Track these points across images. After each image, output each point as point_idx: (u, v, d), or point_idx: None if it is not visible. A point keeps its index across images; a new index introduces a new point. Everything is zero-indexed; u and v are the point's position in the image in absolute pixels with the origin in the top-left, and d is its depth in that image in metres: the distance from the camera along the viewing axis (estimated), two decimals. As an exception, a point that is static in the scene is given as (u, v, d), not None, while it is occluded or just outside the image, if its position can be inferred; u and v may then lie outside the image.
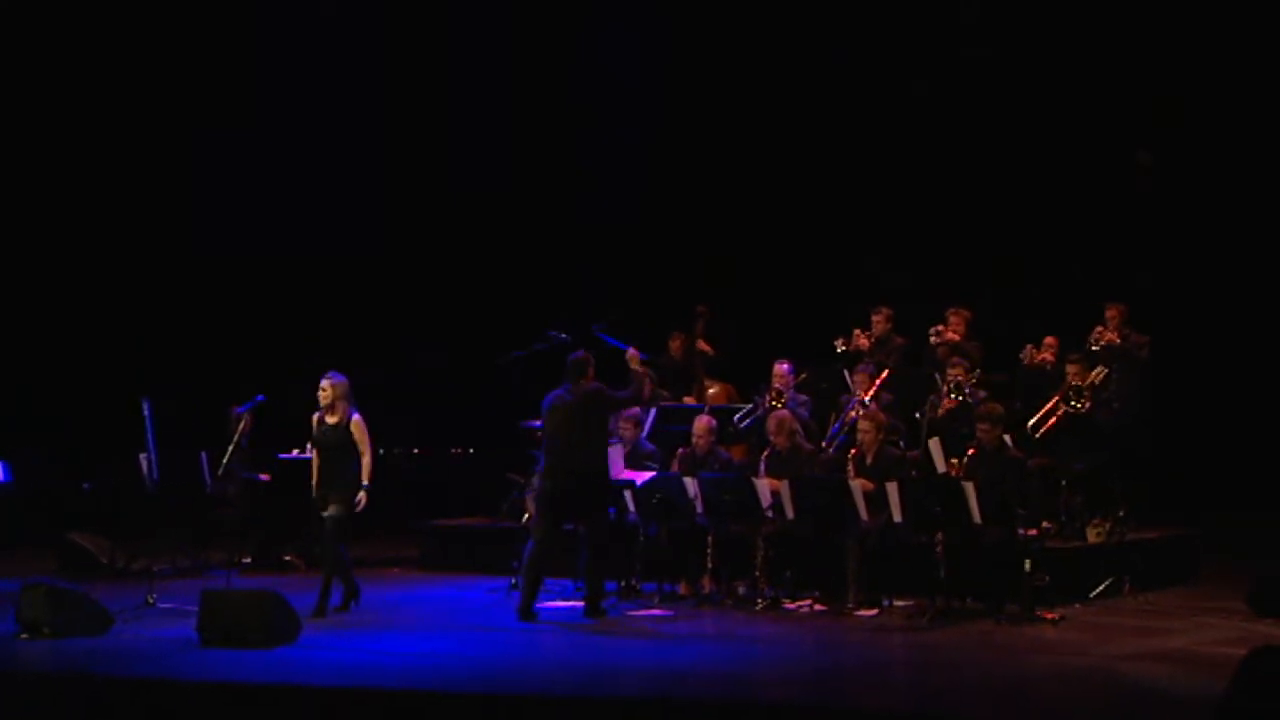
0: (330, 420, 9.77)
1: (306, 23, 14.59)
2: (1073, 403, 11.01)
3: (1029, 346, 11.88)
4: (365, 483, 9.81)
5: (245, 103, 14.48)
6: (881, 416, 10.89)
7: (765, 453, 10.92)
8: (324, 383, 9.81)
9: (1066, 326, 12.01)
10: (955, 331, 12.24)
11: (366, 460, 9.82)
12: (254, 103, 14.52)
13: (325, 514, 9.77)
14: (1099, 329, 11.76)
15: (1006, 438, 10.46)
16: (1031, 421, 11.07)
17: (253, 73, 14.54)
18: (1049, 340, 11.89)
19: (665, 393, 12.65)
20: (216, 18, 14.57)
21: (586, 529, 9.97)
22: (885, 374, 11.79)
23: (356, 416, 9.77)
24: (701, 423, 11.19)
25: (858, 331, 12.41)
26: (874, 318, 12.52)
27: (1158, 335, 11.88)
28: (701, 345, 13.15)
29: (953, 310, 12.32)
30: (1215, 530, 12.13)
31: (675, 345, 13.28)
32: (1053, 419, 11.06)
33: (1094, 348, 11.65)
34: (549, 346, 11.30)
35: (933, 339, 12.28)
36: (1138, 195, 13.27)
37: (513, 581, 11.00)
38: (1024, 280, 13.40)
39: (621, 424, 11.25)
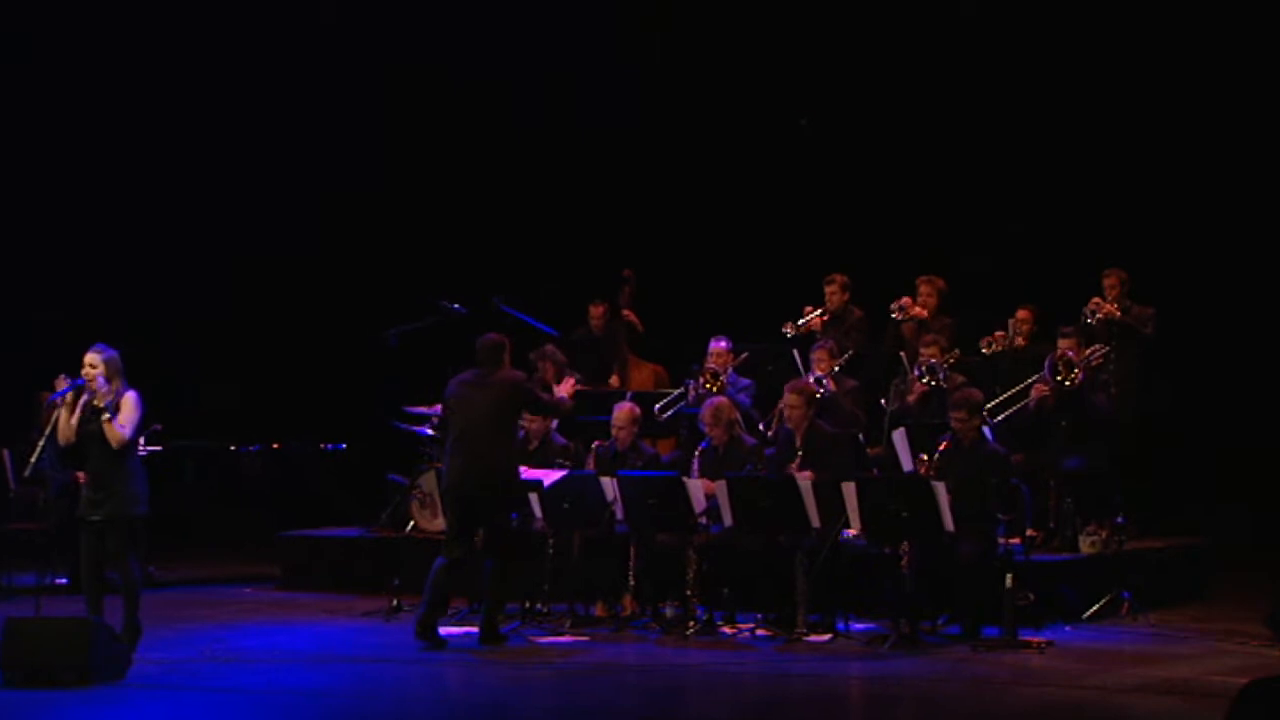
0: (97, 405, 9.28)
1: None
2: (1059, 377, 10.95)
3: (997, 333, 11.78)
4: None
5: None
6: (811, 388, 10.88)
7: (699, 448, 10.87)
8: (91, 357, 9.36)
9: (1050, 301, 12.08)
10: (925, 305, 12.23)
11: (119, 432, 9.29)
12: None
13: (93, 519, 9.28)
14: (1095, 300, 11.78)
15: (986, 430, 10.50)
16: (996, 402, 11.03)
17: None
18: (1023, 314, 11.85)
19: (578, 376, 12.37)
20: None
21: (486, 538, 9.92)
22: (849, 354, 11.81)
23: (130, 394, 9.33)
24: (622, 411, 11.14)
25: (809, 309, 12.40)
26: (827, 289, 12.51)
27: (1167, 310, 11.94)
28: (627, 316, 13.15)
29: (923, 279, 12.31)
30: (1229, 540, 12.25)
31: (596, 315, 13.27)
32: (1031, 397, 11.03)
33: (1089, 321, 11.68)
34: (440, 321, 11.27)
35: (895, 314, 12.24)
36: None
37: (393, 603, 10.98)
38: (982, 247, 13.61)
39: (527, 417, 11.18)
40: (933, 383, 11.31)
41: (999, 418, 11.13)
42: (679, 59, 14.72)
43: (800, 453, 10.60)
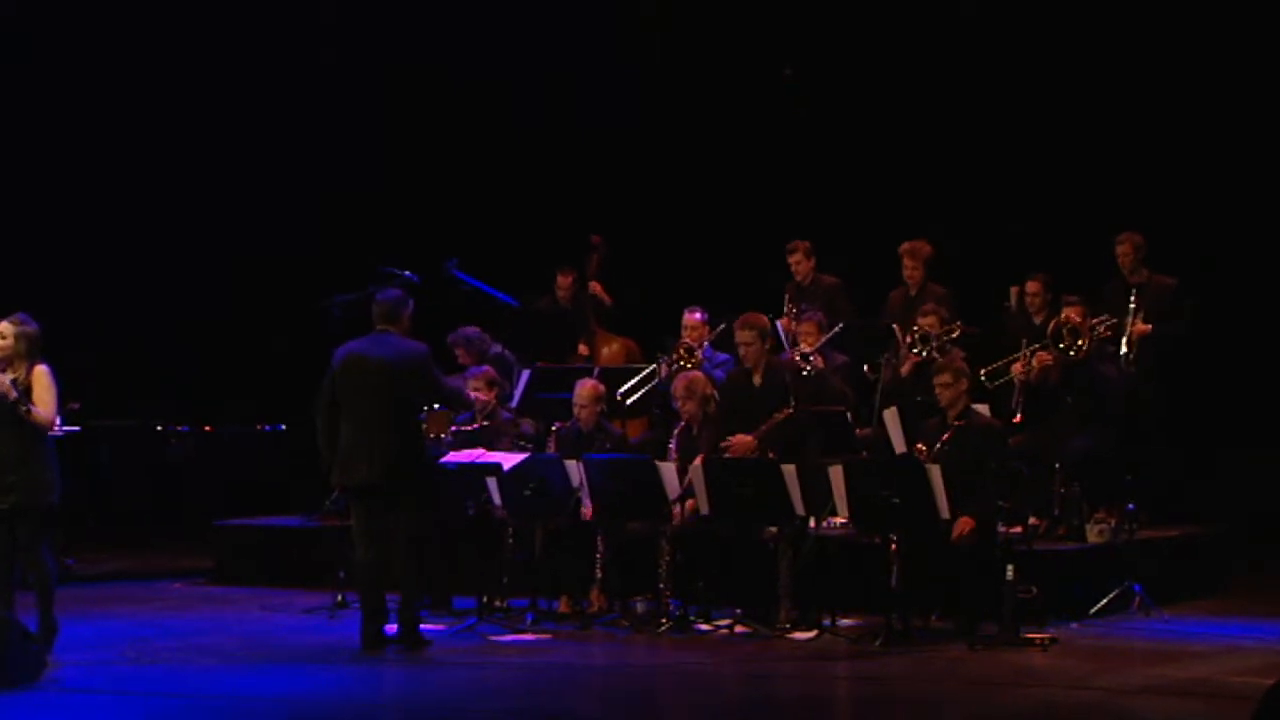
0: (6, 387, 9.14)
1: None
2: (1063, 345, 10.92)
3: (1015, 288, 11.88)
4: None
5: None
6: (764, 321, 10.85)
7: (677, 428, 10.90)
8: (3, 327, 9.23)
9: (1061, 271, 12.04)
10: (910, 279, 12.34)
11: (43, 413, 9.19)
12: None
13: (1, 507, 9.16)
14: (1135, 328, 11.60)
15: (982, 408, 10.52)
16: (993, 367, 11.01)
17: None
18: (1033, 286, 11.88)
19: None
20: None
21: (396, 529, 9.68)
22: (839, 328, 11.90)
23: (41, 368, 9.20)
24: (585, 388, 11.18)
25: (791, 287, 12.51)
26: (790, 259, 12.66)
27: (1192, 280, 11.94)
28: (595, 289, 13.25)
29: (906, 250, 12.37)
30: (1250, 528, 12.29)
31: (562, 285, 13.41)
32: (1031, 364, 10.98)
33: (1124, 353, 11.58)
34: (392, 287, 10.95)
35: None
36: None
37: (338, 598, 10.99)
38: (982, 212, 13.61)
39: (472, 386, 11.18)
40: (925, 354, 11.31)
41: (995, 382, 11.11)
42: (656, 16, 14.82)
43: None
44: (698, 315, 12.01)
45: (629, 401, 12.04)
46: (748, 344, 10.66)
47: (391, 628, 9.73)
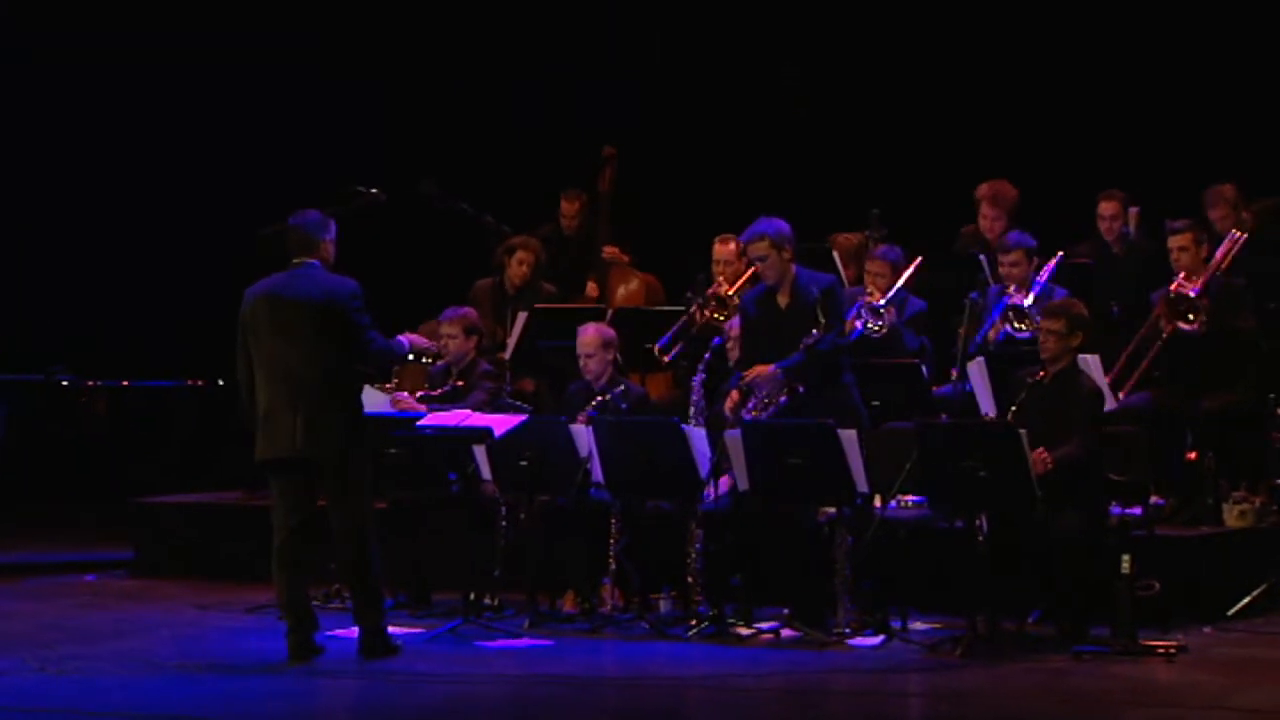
0: None
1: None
2: (1176, 321, 11.04)
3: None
4: None
5: None
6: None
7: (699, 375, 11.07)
8: None
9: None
10: (990, 231, 12.59)
11: None
12: None
13: None
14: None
15: (1090, 358, 10.53)
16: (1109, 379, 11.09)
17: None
18: (1107, 206, 12.22)
19: (551, 288, 12.94)
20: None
21: (339, 516, 9.72)
22: (918, 262, 11.99)
23: None
24: (588, 333, 11.26)
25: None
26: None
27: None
28: (611, 251, 13.35)
29: (984, 190, 12.59)
30: None
31: (567, 212, 13.57)
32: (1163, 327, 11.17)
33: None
34: (350, 210, 11.27)
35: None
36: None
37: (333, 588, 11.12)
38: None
39: (445, 331, 11.34)
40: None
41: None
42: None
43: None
44: (732, 245, 12.09)
45: (668, 357, 12.15)
46: (762, 258, 10.71)
47: (349, 632, 9.82)
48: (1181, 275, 11.14)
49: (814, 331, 10.48)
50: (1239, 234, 11.46)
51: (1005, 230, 12.31)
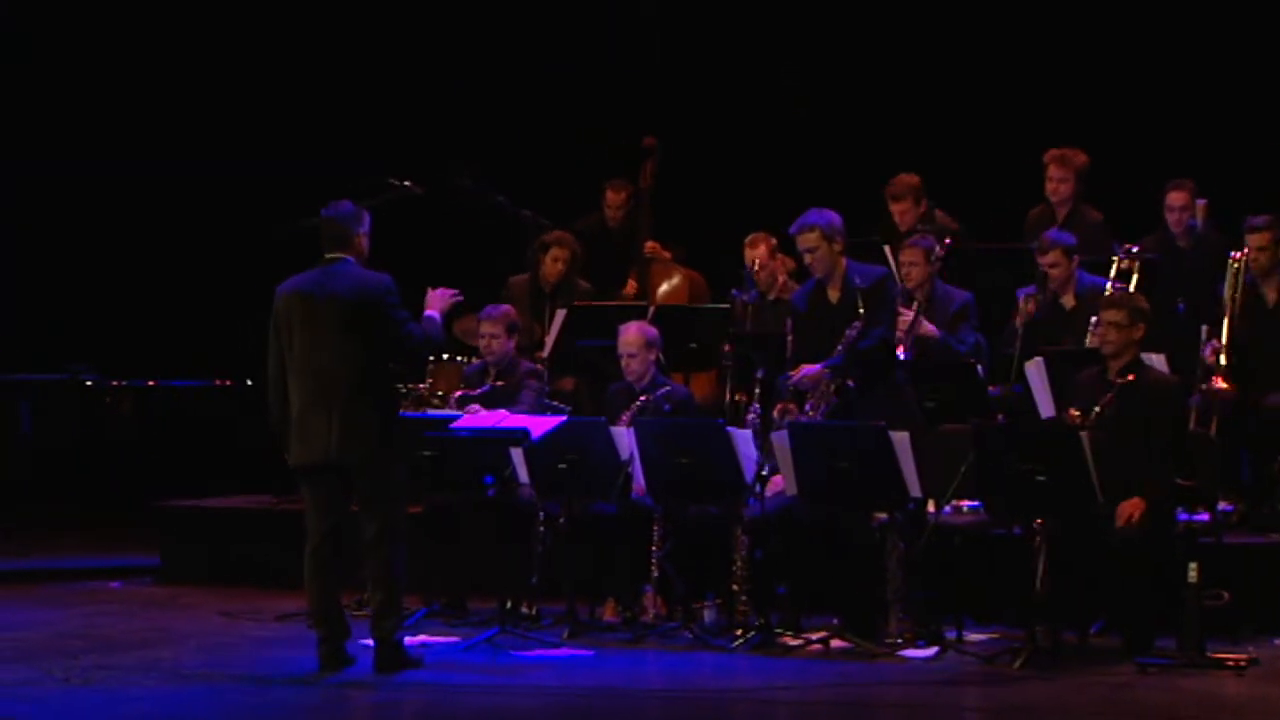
0: None
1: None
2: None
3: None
4: None
5: None
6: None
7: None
8: None
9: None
10: (1055, 193, 12.48)
11: None
12: None
13: None
14: None
15: (1157, 358, 10.48)
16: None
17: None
18: (1176, 196, 12.05)
19: (586, 285, 12.90)
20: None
21: (370, 521, 9.72)
22: (948, 242, 11.94)
23: None
24: (630, 332, 11.24)
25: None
26: (894, 207, 12.65)
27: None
28: (651, 249, 13.30)
29: (1053, 156, 12.47)
30: None
31: (613, 203, 13.52)
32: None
33: None
34: (386, 203, 11.40)
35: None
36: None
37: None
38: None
39: (486, 330, 11.34)
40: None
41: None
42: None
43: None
44: (761, 248, 12.16)
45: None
46: (812, 249, 10.72)
47: (365, 641, 9.81)
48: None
49: (855, 324, 10.47)
50: None
51: (1073, 195, 12.28)
